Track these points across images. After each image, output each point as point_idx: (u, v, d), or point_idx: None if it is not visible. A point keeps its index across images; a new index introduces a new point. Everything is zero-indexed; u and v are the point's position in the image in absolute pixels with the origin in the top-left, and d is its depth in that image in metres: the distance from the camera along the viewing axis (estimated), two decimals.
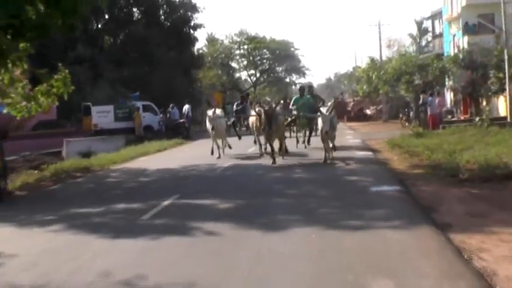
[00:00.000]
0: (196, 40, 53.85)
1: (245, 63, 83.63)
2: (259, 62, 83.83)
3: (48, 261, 7.87)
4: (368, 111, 53.67)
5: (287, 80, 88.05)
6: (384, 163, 17.08)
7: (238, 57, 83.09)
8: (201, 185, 14.56)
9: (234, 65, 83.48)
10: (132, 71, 44.71)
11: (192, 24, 51.00)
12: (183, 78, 48.57)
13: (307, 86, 25.09)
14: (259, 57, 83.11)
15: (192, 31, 51.43)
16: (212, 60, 71.51)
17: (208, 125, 21.26)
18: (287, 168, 16.77)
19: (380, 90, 43.01)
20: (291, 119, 21.68)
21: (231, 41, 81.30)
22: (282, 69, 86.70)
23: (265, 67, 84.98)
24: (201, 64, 55.99)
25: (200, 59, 55.34)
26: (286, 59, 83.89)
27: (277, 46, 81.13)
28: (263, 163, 18.32)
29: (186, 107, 38.33)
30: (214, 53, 74.34)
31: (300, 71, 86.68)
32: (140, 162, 22.68)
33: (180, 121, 37.43)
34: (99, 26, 47.06)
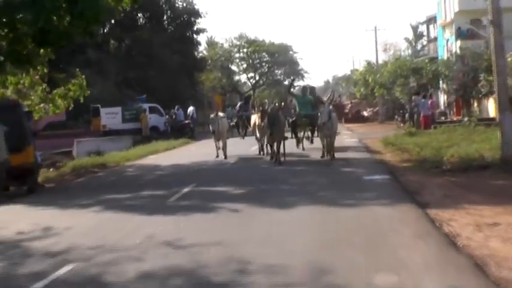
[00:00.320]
0: (199, 44, 55.79)
1: (245, 66, 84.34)
2: (259, 65, 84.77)
3: (99, 230, 9.63)
4: (365, 113, 55.10)
5: (286, 83, 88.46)
6: (377, 158, 18.89)
7: (238, 60, 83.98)
8: (214, 176, 16.31)
9: (233, 68, 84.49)
10: (137, 73, 46.30)
11: (194, 29, 52.70)
12: (186, 80, 50.26)
13: (309, 87, 24.85)
14: (259, 60, 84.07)
15: (194, 35, 53.23)
16: (212, 63, 72.83)
17: (211, 128, 21.39)
18: (289, 163, 18.38)
19: (376, 93, 44.68)
20: (292, 119, 21.31)
21: (231, 44, 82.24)
22: (280, 72, 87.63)
23: (265, 70, 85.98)
24: (204, 67, 57.64)
25: (203, 62, 57.01)
26: (285, 62, 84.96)
27: (276, 49, 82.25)
28: (267, 159, 19.96)
29: (191, 108, 40.04)
30: (214, 56, 75.58)
31: (298, 74, 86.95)
32: (151, 159, 24.40)
33: (185, 122, 39.09)
34: (106, 30, 48.60)
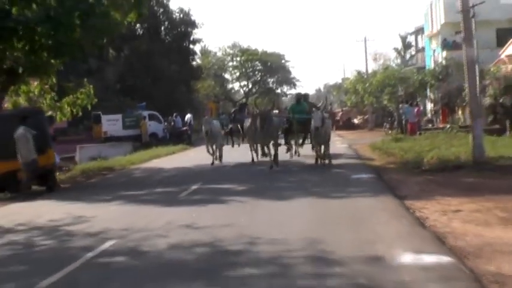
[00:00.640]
0: (195, 54, 57.65)
1: (238, 74, 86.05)
2: (252, 73, 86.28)
3: (126, 218, 11.32)
4: (355, 121, 56.92)
5: (278, 91, 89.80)
6: (365, 160, 20.70)
7: (231, 69, 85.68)
8: (216, 176, 18.02)
9: (227, 76, 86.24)
10: (136, 82, 48.08)
11: (191, 39, 54.66)
12: (183, 89, 52.19)
13: (303, 94, 24.83)
14: (252, 69, 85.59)
15: (191, 45, 55.11)
16: (206, 72, 74.42)
17: (204, 129, 21.55)
18: (285, 165, 19.95)
19: (366, 101, 46.59)
20: (286, 126, 21.44)
21: (224, 53, 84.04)
22: (273, 80, 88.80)
23: (257, 78, 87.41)
24: (200, 76, 59.55)
25: (199, 71, 58.92)
26: (278, 71, 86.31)
27: (268, 58, 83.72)
28: (264, 162, 21.57)
29: (188, 115, 41.77)
30: (208, 64, 77.06)
31: (290, 82, 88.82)
32: (155, 163, 26.10)
33: (183, 129, 40.81)
34: (105, 40, 50.26)
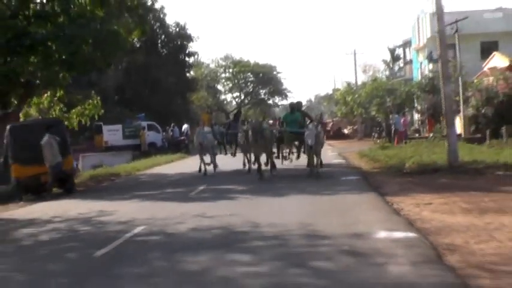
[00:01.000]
0: (191, 66, 59.48)
1: (230, 85, 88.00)
2: (244, 84, 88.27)
3: (146, 211, 13.19)
4: (345, 131, 58.73)
5: (270, 101, 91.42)
6: (353, 166, 22.72)
7: (223, 80, 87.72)
8: (218, 180, 19.83)
9: (219, 87, 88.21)
10: (134, 93, 49.97)
11: (187, 52, 56.67)
12: (179, 100, 54.12)
13: (296, 103, 24.24)
14: (244, 80, 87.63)
15: (187, 58, 57.08)
16: (199, 83, 76.05)
17: (196, 141, 22.20)
18: (280, 169, 21.79)
19: (355, 112, 48.67)
20: (279, 135, 21.63)
21: (217, 64, 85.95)
22: (265, 91, 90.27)
23: (250, 89, 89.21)
24: (195, 87, 61.51)
25: (194, 83, 60.90)
26: (270, 82, 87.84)
27: (260, 70, 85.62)
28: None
29: (185, 126, 43.67)
30: (201, 76, 78.64)
31: (282, 93, 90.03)
32: (157, 169, 27.97)
33: (180, 138, 42.70)
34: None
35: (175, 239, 9.68)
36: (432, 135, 32.68)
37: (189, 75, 63.14)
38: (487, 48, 44.94)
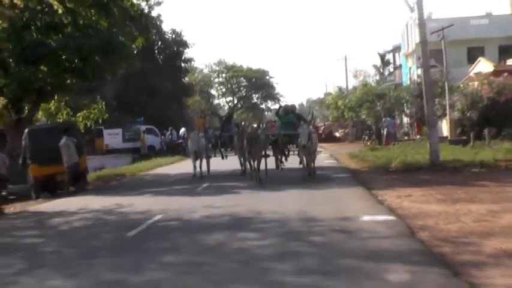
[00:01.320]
0: (187, 72, 61.11)
1: (223, 90, 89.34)
2: (237, 89, 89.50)
3: (159, 204, 14.80)
4: (337, 134, 60.11)
5: (262, 106, 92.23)
6: (343, 165, 24.46)
7: (217, 85, 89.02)
8: (220, 179, 21.39)
9: (213, 92, 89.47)
10: (132, 98, 51.45)
11: (183, 58, 58.30)
12: (175, 105, 55.73)
13: (290, 106, 24.54)
14: (237, 85, 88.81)
15: (183, 64, 58.70)
16: (194, 88, 77.24)
17: (191, 147, 22.50)
18: (275, 172, 23.19)
19: (346, 116, 50.32)
20: (274, 138, 21.50)
21: (211, 69, 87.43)
22: (258, 96, 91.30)
23: (243, 94, 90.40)
24: (191, 93, 63.12)
25: (190, 88, 62.52)
26: (262, 87, 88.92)
27: (253, 74, 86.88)
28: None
29: (183, 129, 45.22)
30: (194, 81, 79.81)
31: (274, 98, 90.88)
32: (159, 170, 29.59)
33: (178, 142, 44.30)
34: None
35: (191, 224, 11.40)
36: (419, 137, 34.36)
37: (184, 80, 64.69)
38: (474, 54, 46.59)
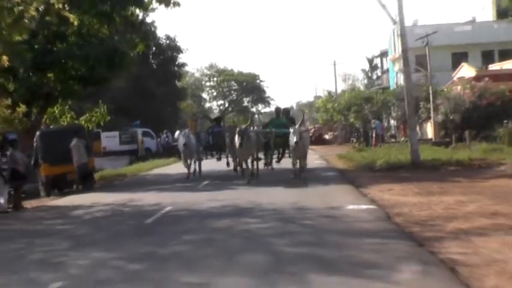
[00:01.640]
0: (180, 76, 62.81)
1: (215, 94, 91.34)
2: (228, 92, 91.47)
3: (167, 198, 16.39)
4: (326, 136, 61.55)
5: (253, 109, 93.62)
6: (332, 165, 26.23)
7: (208, 89, 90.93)
8: (218, 177, 22.98)
9: (204, 95, 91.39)
10: (128, 102, 52.99)
11: (177, 63, 60.03)
12: (170, 108, 57.41)
13: (283, 109, 24.84)
14: (228, 89, 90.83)
15: (177, 69, 60.43)
16: (187, 92, 78.60)
17: (181, 141, 22.81)
18: (267, 173, 24.72)
19: (335, 119, 52.10)
20: (266, 140, 21.97)
21: (202, 73, 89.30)
22: (248, 99, 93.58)
23: (233, 97, 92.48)
24: (184, 96, 64.83)
25: (183, 92, 64.21)
26: (253, 90, 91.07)
27: (244, 78, 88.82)
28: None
29: (177, 132, 46.61)
30: (185, 84, 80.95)
31: (265, 101, 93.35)
32: (159, 170, 31.27)
33: (173, 144, 45.81)
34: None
35: (200, 213, 13.13)
36: (404, 139, 36.14)
37: (178, 84, 66.28)
38: (458, 59, 48.41)
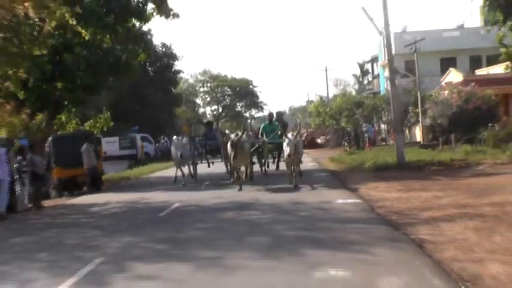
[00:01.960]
0: (177, 83, 64.42)
1: (208, 99, 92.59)
2: (221, 98, 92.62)
3: (174, 196, 17.95)
4: (319, 140, 63.01)
5: (246, 114, 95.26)
6: (324, 167, 27.91)
7: (202, 94, 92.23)
8: (218, 179, 24.49)
9: (198, 101, 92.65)
10: (126, 108, 54.52)
11: (173, 70, 61.69)
12: (166, 114, 59.00)
13: (276, 113, 25.04)
14: (222, 94, 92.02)
15: (172, 75, 62.06)
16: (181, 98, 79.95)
17: (174, 151, 23.18)
18: (261, 177, 26.55)
19: (327, 123, 53.65)
20: (257, 145, 22.38)
21: (196, 79, 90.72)
22: (242, 104, 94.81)
23: (227, 103, 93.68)
24: (180, 102, 66.44)
25: (179, 98, 65.82)
26: (246, 95, 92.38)
27: (237, 84, 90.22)
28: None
29: (175, 137, 48.22)
30: (180, 90, 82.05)
31: (258, 106, 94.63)
32: (160, 173, 32.76)
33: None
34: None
35: (206, 207, 14.81)
36: (393, 142, 37.80)
37: (174, 91, 67.79)
38: (446, 64, 49.97)
